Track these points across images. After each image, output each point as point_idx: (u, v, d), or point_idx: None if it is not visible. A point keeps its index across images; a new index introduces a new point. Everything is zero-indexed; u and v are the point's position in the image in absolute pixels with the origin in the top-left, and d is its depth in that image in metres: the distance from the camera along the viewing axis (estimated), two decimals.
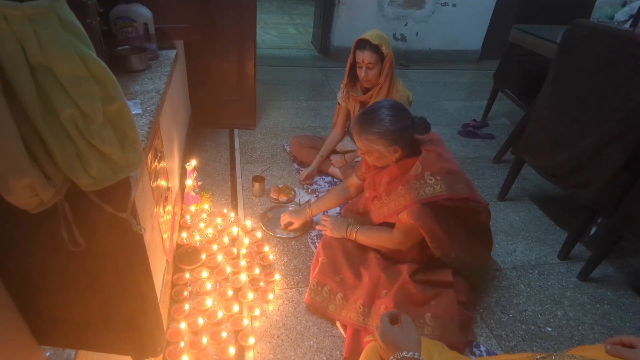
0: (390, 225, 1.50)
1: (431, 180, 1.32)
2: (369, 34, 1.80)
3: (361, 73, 1.87)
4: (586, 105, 1.62)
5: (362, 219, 1.65)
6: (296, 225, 1.81)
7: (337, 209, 2.01)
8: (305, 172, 2.21)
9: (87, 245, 0.52)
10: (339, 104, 2.17)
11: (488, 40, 4.90)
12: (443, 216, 1.36)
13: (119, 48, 1.46)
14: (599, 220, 1.84)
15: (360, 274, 1.50)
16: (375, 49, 1.79)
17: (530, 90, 2.52)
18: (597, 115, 1.56)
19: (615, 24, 2.20)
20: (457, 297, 1.43)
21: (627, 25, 2.02)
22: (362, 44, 1.82)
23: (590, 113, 1.60)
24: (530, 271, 1.78)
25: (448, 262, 1.48)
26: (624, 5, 2.33)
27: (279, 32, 5.71)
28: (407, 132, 1.36)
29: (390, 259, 1.57)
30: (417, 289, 1.40)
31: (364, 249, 1.59)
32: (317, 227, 1.77)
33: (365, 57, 1.81)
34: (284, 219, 1.83)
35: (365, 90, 1.98)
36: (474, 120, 3.16)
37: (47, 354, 0.63)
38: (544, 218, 2.14)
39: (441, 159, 1.36)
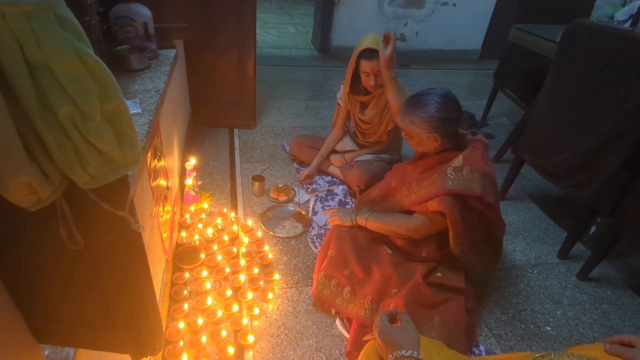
0: (406, 214, 1.51)
1: (469, 175, 1.33)
2: (372, 42, 1.78)
3: (370, 81, 1.85)
4: (586, 105, 1.62)
5: (375, 207, 1.65)
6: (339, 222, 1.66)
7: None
8: (305, 171, 2.21)
9: (85, 243, 0.52)
10: (338, 104, 2.17)
11: (488, 40, 4.90)
12: (468, 216, 1.37)
13: (119, 47, 1.46)
14: (598, 220, 1.83)
15: (370, 269, 1.49)
16: None
17: (530, 89, 2.52)
18: (596, 115, 1.56)
19: (615, 23, 2.20)
20: (466, 303, 1.43)
21: (627, 25, 2.02)
22: (369, 54, 1.79)
23: (589, 112, 1.60)
24: (530, 270, 1.78)
25: (462, 264, 1.48)
26: (624, 4, 2.33)
27: (279, 32, 5.71)
28: (450, 123, 1.38)
29: (403, 252, 1.57)
30: (429, 291, 1.40)
31: (375, 243, 1.58)
32: (324, 212, 1.77)
33: (374, 66, 1.79)
34: (333, 217, 1.68)
35: (367, 92, 1.98)
36: None
37: (46, 352, 0.63)
38: (544, 217, 2.14)
39: (485, 160, 1.37)
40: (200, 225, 1.79)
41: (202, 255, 1.61)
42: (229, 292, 1.49)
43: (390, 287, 1.43)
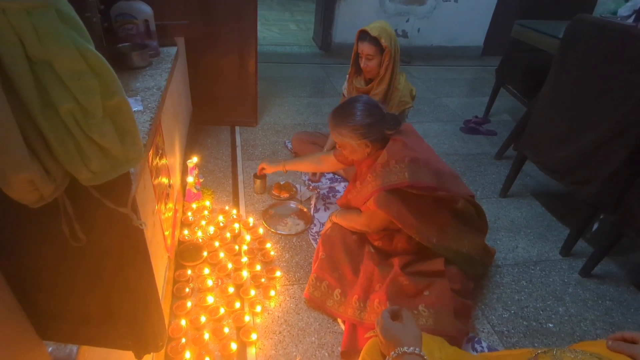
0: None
1: (396, 167, 1.37)
2: (371, 26, 1.82)
3: (361, 63, 1.91)
4: (589, 101, 1.61)
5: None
6: (267, 170, 1.96)
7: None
8: None
9: (88, 240, 0.52)
10: (343, 95, 2.17)
11: (490, 36, 4.87)
12: (414, 203, 1.40)
13: (120, 45, 1.46)
14: (601, 217, 1.83)
15: (358, 270, 1.51)
16: (375, 41, 1.79)
17: (533, 86, 2.51)
18: (599, 111, 1.56)
19: (619, 19, 2.19)
20: (451, 285, 1.43)
21: (630, 20, 2.01)
22: (363, 35, 1.85)
23: (592, 108, 1.59)
24: (532, 267, 1.77)
25: (433, 249, 1.48)
26: (627, 0, 2.31)
27: (280, 29, 5.69)
28: (375, 127, 1.42)
29: (383, 252, 1.59)
30: (408, 280, 1.41)
31: (362, 245, 1.61)
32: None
33: (364, 48, 1.84)
34: (261, 165, 1.96)
35: (368, 81, 1.99)
36: (476, 117, 3.15)
37: (50, 349, 0.64)
38: (546, 214, 2.14)
39: (406, 147, 1.41)
40: (202, 223, 1.79)
41: (204, 253, 1.62)
42: (231, 290, 1.49)
43: (375, 283, 1.45)
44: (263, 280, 1.56)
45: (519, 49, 2.81)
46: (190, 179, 1.86)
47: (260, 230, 1.80)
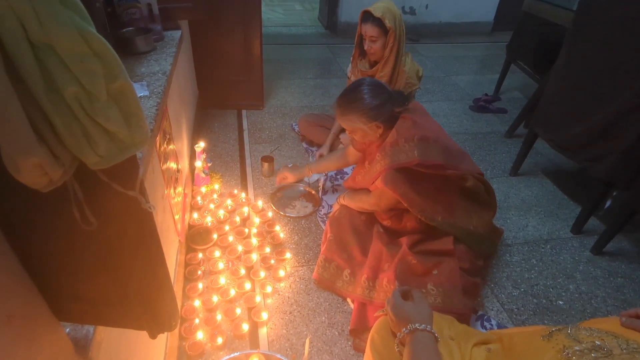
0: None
1: (405, 146, 1.36)
2: (375, 6, 1.76)
3: (365, 45, 1.86)
4: (603, 75, 1.56)
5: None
6: (290, 180, 1.89)
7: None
8: (320, 151, 2.20)
9: (98, 224, 0.53)
10: (348, 78, 2.14)
11: (501, 11, 4.73)
12: (420, 181, 1.40)
13: (124, 30, 1.44)
14: (614, 194, 1.80)
15: (367, 250, 1.52)
16: (378, 22, 1.75)
17: (545, 61, 2.44)
18: (614, 85, 1.51)
19: None
20: (460, 264, 1.43)
21: None
22: (366, 16, 1.80)
23: (607, 83, 1.55)
24: (543, 246, 1.76)
25: (439, 227, 1.48)
26: None
27: (284, 10, 5.59)
28: (384, 107, 1.40)
29: (392, 231, 1.59)
30: (417, 259, 1.42)
31: (370, 225, 1.61)
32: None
33: (367, 29, 1.79)
34: (281, 172, 1.89)
35: (373, 64, 1.95)
36: (486, 95, 3.09)
37: (67, 330, 0.65)
38: (557, 192, 2.11)
39: (416, 126, 1.39)
40: (211, 207, 1.81)
41: (215, 236, 1.64)
42: (241, 271, 1.51)
43: (383, 262, 1.46)
44: (273, 262, 1.58)
45: (530, 23, 2.73)
46: (198, 163, 1.86)
47: (269, 214, 1.81)
